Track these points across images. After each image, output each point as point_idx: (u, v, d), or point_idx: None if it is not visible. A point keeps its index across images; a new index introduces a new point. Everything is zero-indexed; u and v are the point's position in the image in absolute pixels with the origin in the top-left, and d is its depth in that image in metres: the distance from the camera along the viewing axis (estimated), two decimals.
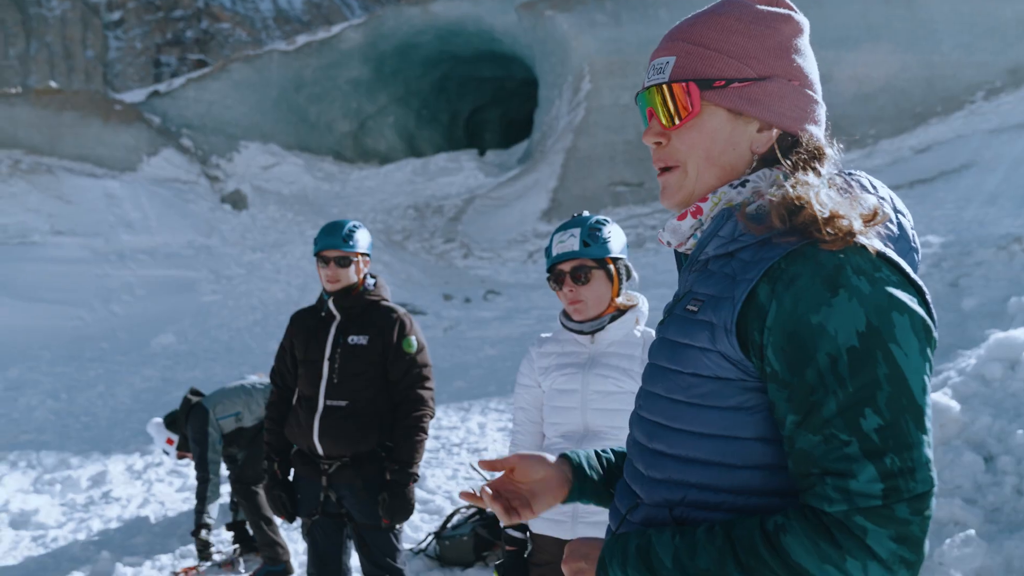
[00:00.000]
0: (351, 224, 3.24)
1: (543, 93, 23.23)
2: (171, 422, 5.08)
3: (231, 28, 48.26)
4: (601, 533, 2.31)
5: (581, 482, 1.38)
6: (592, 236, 2.35)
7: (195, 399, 4.87)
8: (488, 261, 18.26)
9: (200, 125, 21.49)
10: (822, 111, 1.19)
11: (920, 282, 1.03)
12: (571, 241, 2.35)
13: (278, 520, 4.65)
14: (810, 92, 1.17)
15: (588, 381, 2.36)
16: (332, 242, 3.16)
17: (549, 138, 21.66)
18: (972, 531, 2.94)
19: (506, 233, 19.22)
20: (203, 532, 4.62)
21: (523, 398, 2.53)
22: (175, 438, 5.07)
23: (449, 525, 4.72)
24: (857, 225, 1.01)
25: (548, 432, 2.47)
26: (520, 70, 25.81)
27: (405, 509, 3.07)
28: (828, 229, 1.00)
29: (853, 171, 1.19)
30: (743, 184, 1.15)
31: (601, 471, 1.41)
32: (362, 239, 3.24)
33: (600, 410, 2.35)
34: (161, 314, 13.82)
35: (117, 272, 15.15)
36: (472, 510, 4.84)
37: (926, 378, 0.97)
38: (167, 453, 5.21)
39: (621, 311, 2.40)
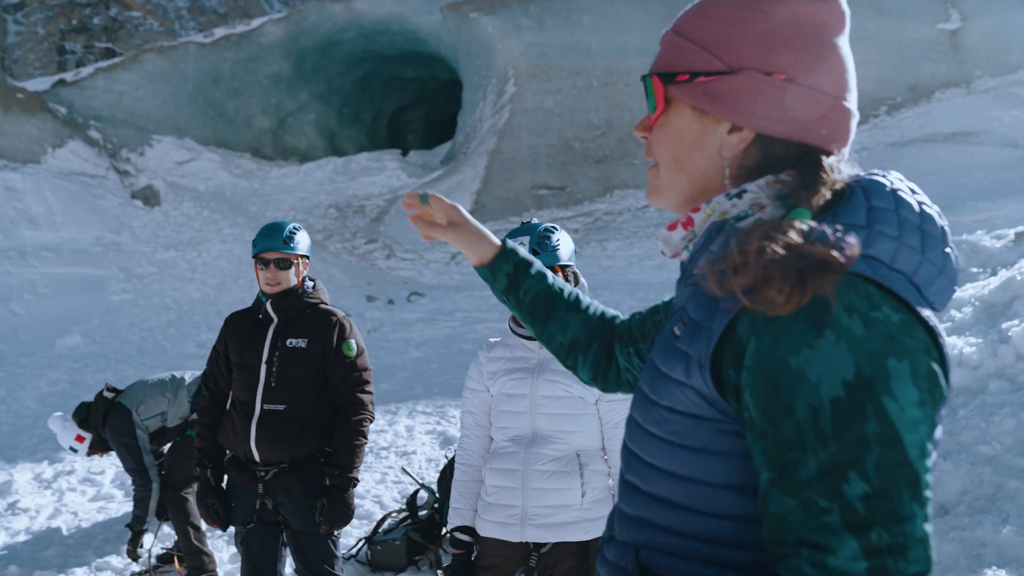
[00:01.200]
0: (292, 226, 3.19)
1: (467, 95, 23.25)
2: (83, 419, 4.79)
3: (142, 17, 46.39)
4: (549, 537, 2.38)
5: (515, 258, 1.42)
6: (541, 244, 2.40)
7: (111, 395, 4.61)
8: (411, 262, 18.13)
9: (110, 117, 20.58)
10: (833, 111, 1.00)
11: (934, 324, 0.87)
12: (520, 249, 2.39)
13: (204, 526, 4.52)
14: (807, 89, 0.98)
15: (537, 386, 2.41)
16: (272, 244, 3.11)
17: (473, 140, 21.70)
18: None
19: None
20: (142, 539, 4.47)
21: (471, 402, 2.56)
22: (87, 436, 4.79)
23: (381, 529, 4.69)
24: (781, 299, 0.83)
25: (496, 436, 2.51)
26: (444, 71, 25.76)
27: (345, 514, 3.04)
28: (754, 301, 0.85)
29: (880, 174, 1.00)
30: (739, 195, 1.00)
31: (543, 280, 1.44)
32: (302, 241, 3.20)
33: (549, 414, 2.40)
34: (67, 314, 13.16)
35: (18, 270, 14.35)
36: (404, 514, 4.82)
37: (926, 439, 0.82)
38: (74, 451, 4.82)
39: None
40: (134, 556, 4.49)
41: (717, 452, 0.94)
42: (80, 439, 4.73)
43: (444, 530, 4.59)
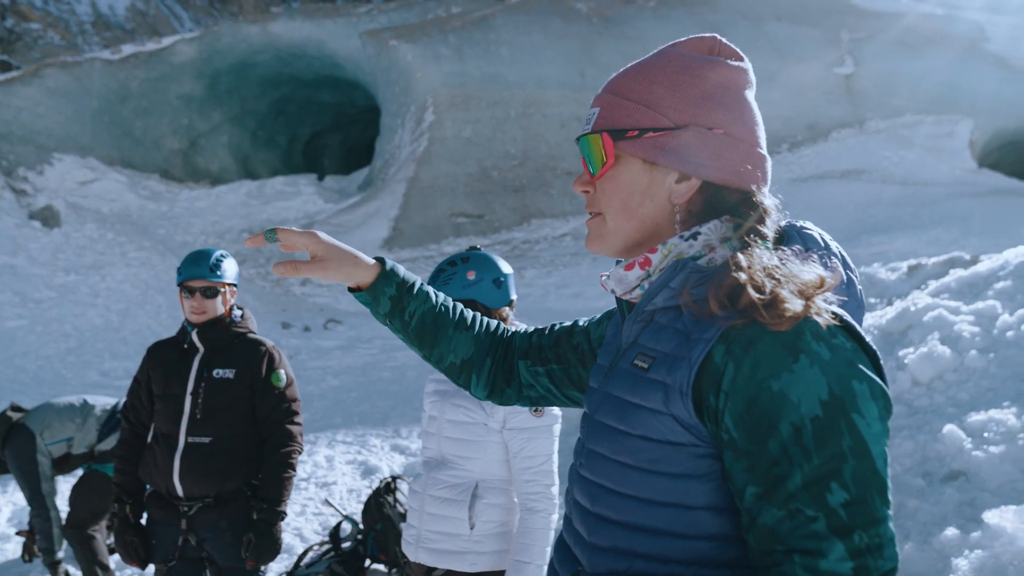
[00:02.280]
0: (219, 253, 3.14)
1: (385, 121, 23.22)
2: None
3: (42, 29, 44.46)
4: (437, 562, 2.43)
5: (396, 279, 1.35)
6: (434, 277, 2.50)
7: (16, 416, 4.39)
8: (327, 289, 17.85)
9: (6, 133, 19.55)
10: (759, 161, 1.12)
11: (874, 348, 0.97)
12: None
13: (113, 564, 4.32)
14: (740, 141, 1.10)
15: (444, 409, 2.46)
16: (198, 272, 3.04)
17: (391, 167, 21.65)
18: None
19: None
20: (59, 570, 4.23)
21: (423, 420, 2.62)
22: None
23: (303, 563, 4.59)
24: (799, 307, 0.93)
25: (421, 456, 2.57)
26: (362, 97, 25.67)
27: (272, 549, 2.98)
28: (770, 313, 0.93)
29: (801, 223, 1.13)
30: (694, 236, 1.09)
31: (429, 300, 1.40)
32: (230, 269, 3.14)
33: (450, 439, 2.44)
34: None
35: None
36: (326, 547, 4.73)
37: (886, 449, 0.93)
38: None
39: None
40: None
41: (696, 476, 1.00)
42: None
43: (368, 562, 4.53)
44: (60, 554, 4.28)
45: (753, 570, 0.98)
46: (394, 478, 4.73)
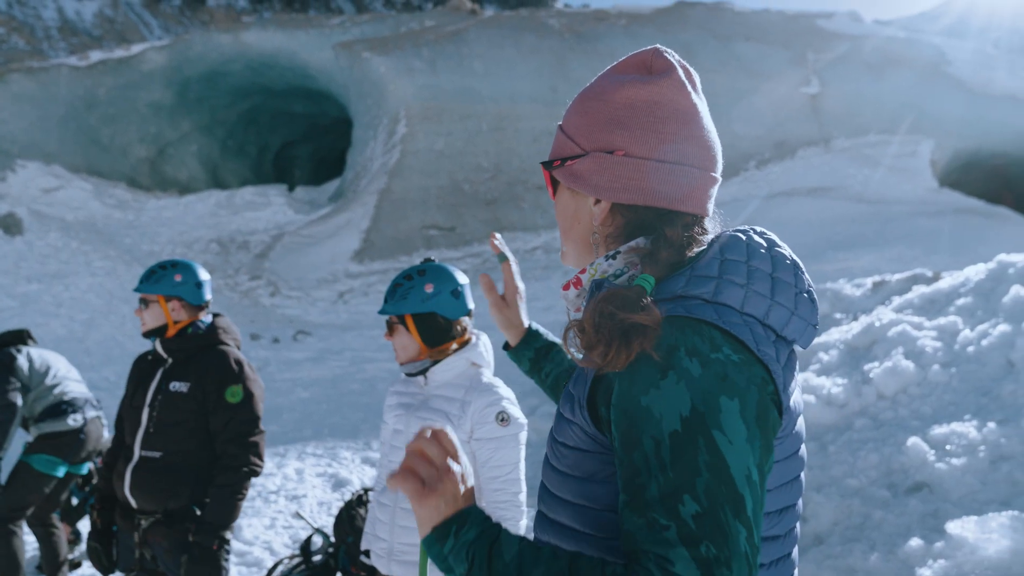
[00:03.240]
0: (159, 263, 3.15)
1: (357, 133, 23.18)
2: None
3: (6, 34, 43.74)
4: (410, 574, 2.41)
5: (536, 344, 1.63)
6: (392, 292, 2.48)
7: (14, 344, 4.41)
8: (296, 300, 17.72)
9: None
10: (674, 174, 1.12)
11: (768, 362, 1.01)
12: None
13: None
14: (643, 160, 1.12)
15: (410, 423, 2.44)
16: (138, 283, 3.10)
17: (363, 178, 21.60)
18: None
19: (316, 272, 18.81)
20: None
21: (383, 433, 2.61)
22: None
23: None
24: (602, 361, 1.00)
25: (385, 471, 2.55)
26: (334, 108, 25.61)
27: (208, 574, 2.85)
28: (583, 363, 1.04)
29: (747, 228, 1.17)
30: (614, 256, 1.14)
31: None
32: (165, 279, 3.07)
33: None
34: None
35: None
36: (296, 560, 4.69)
37: (752, 466, 0.95)
38: None
39: (447, 354, 2.46)
40: None
41: (599, 480, 1.08)
42: None
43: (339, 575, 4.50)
44: (1, 452, 4.22)
45: None
46: (365, 490, 4.70)
